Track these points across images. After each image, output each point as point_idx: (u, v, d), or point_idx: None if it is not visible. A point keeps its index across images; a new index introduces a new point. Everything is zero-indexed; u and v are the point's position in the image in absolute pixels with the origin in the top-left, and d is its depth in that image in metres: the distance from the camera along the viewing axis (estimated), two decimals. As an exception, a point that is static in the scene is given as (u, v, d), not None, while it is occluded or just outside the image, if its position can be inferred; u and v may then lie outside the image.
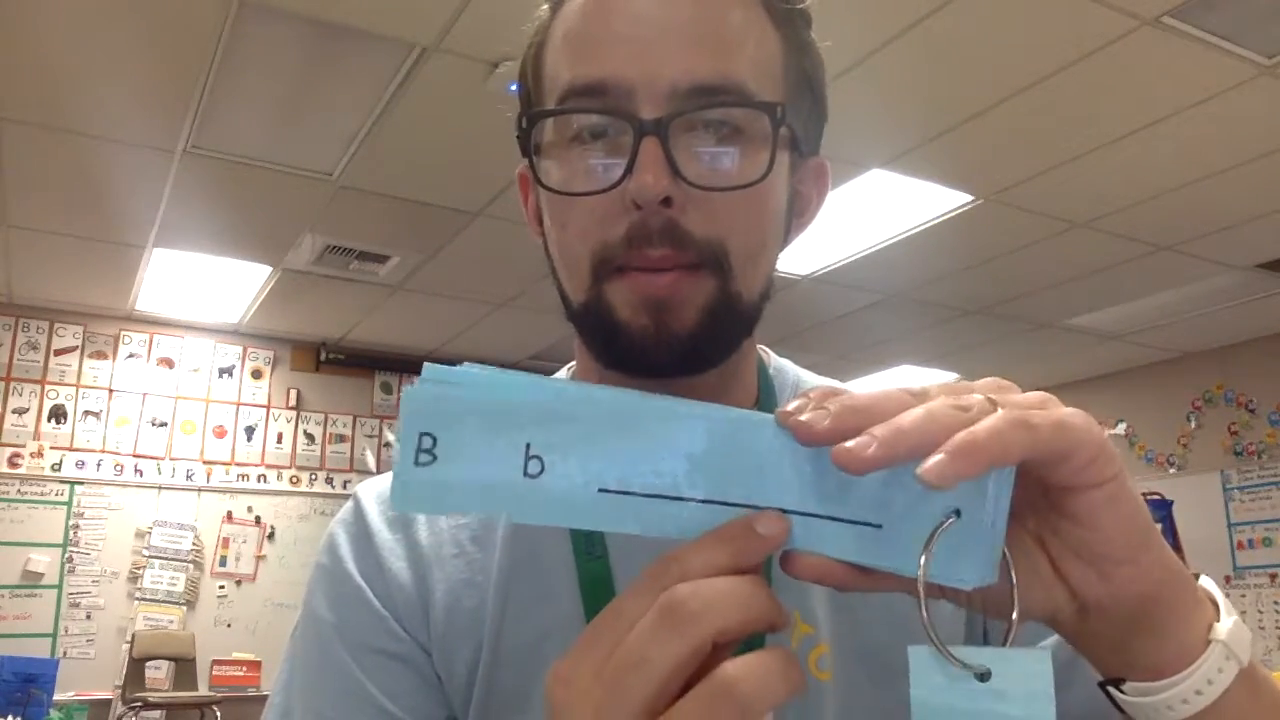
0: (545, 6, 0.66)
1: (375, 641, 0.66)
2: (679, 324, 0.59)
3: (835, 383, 0.76)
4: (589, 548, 0.65)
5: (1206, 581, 0.48)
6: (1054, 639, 0.62)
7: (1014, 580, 0.41)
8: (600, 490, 0.41)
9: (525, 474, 0.41)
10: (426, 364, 0.42)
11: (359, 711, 0.64)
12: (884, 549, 0.40)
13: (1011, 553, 0.41)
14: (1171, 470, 6.37)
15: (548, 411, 0.41)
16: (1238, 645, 0.45)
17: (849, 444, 0.38)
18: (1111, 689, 0.46)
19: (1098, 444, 0.41)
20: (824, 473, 0.40)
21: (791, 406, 0.41)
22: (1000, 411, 0.40)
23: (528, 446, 0.41)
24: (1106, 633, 0.45)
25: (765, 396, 0.71)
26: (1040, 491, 0.42)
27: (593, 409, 0.41)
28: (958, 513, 0.40)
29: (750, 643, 0.57)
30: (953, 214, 4.30)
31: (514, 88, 0.70)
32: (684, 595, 0.39)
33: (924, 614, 0.39)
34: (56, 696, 4.72)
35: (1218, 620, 0.46)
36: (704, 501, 0.41)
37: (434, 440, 0.41)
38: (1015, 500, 0.41)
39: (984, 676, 0.40)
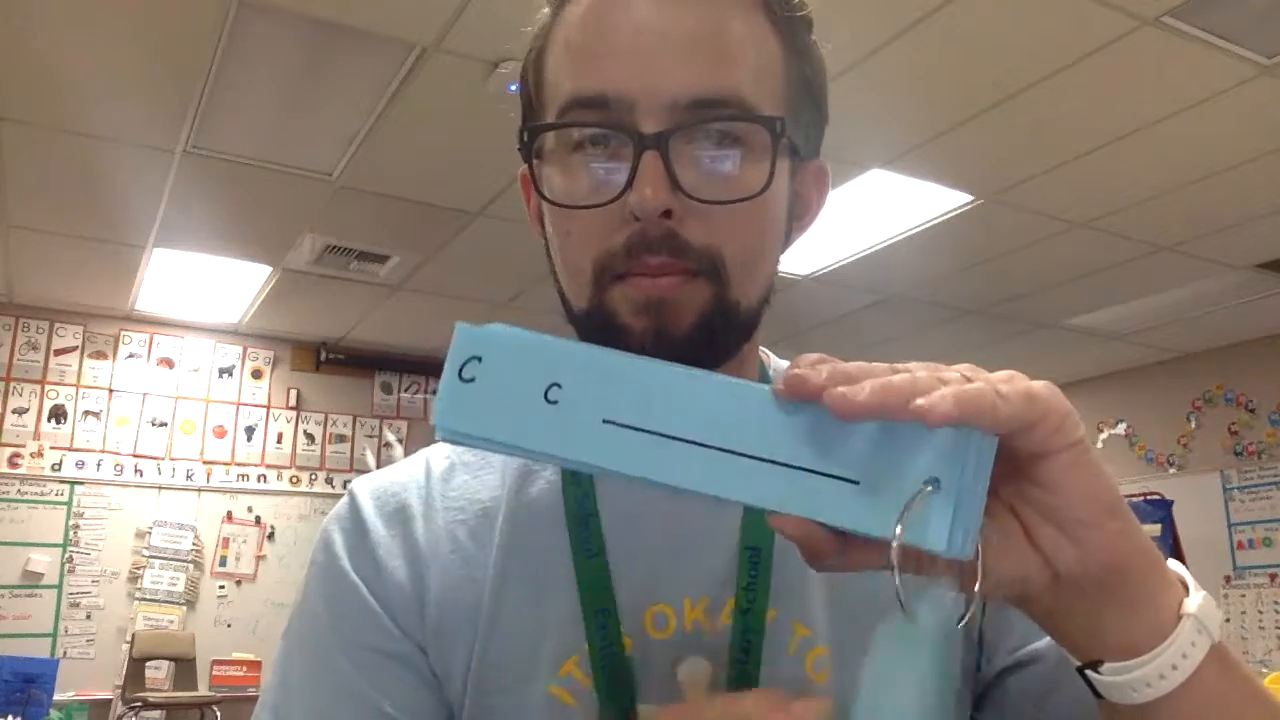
0: (546, 9, 0.66)
1: (371, 640, 0.66)
2: (677, 327, 0.60)
3: None
4: (587, 545, 0.65)
5: (1174, 564, 0.49)
6: (1046, 641, 0.62)
7: (980, 548, 0.43)
8: (605, 421, 0.45)
9: (546, 399, 0.45)
10: (459, 323, 0.47)
11: (355, 710, 0.64)
12: (860, 509, 0.42)
13: (985, 521, 0.43)
14: (1171, 470, 6.36)
15: (572, 354, 0.46)
16: (1208, 620, 0.46)
17: (842, 389, 0.41)
18: (1089, 672, 0.47)
19: (1063, 410, 0.43)
20: (812, 431, 0.43)
21: (809, 381, 0.43)
22: (978, 383, 0.43)
23: (551, 377, 0.46)
24: (1079, 607, 0.46)
25: None
26: (1010, 461, 0.44)
27: (609, 359, 0.46)
28: (936, 482, 0.41)
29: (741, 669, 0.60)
30: (953, 214, 4.30)
31: (514, 88, 0.70)
32: None
33: (896, 577, 0.41)
34: (56, 696, 4.71)
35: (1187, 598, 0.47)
36: (699, 445, 0.44)
37: (479, 361, 0.46)
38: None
39: (912, 617, 0.43)
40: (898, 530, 0.41)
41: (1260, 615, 5.85)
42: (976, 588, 0.43)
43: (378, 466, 5.77)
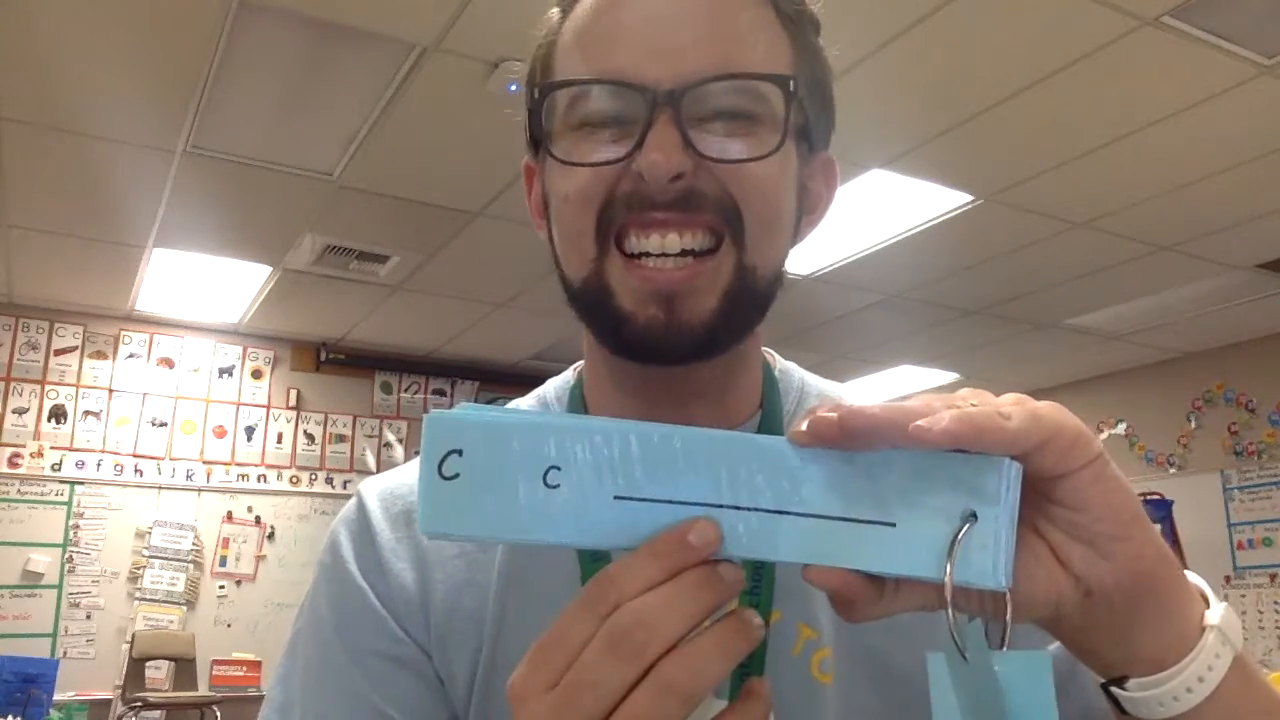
0: (555, 9, 0.67)
1: (375, 644, 0.66)
2: (692, 314, 0.59)
3: (838, 385, 0.77)
4: (592, 549, 0.65)
5: (1192, 576, 0.49)
6: (1054, 646, 0.62)
7: (1010, 583, 0.42)
8: (616, 497, 0.42)
9: (545, 484, 0.42)
10: (428, 414, 0.43)
11: (357, 712, 0.64)
12: (899, 552, 0.41)
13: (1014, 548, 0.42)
14: (1171, 470, 6.36)
15: (566, 431, 0.42)
16: (1231, 630, 0.46)
17: (845, 419, 0.41)
18: (1114, 688, 0.47)
19: (1074, 429, 0.43)
20: (837, 479, 0.42)
21: (806, 424, 0.42)
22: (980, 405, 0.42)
23: (547, 459, 0.42)
24: (1109, 622, 0.45)
25: (770, 398, 0.71)
26: (1031, 484, 0.43)
27: (605, 429, 0.42)
28: (973, 516, 0.40)
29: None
30: (953, 214, 4.30)
31: (514, 88, 0.70)
32: (630, 624, 0.41)
33: (950, 617, 0.41)
34: (56, 696, 4.71)
35: (1208, 609, 0.47)
36: (723, 507, 0.42)
37: (460, 455, 0.42)
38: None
39: (992, 677, 0.41)
40: (949, 569, 0.40)
41: (1260, 615, 5.85)
42: (1009, 613, 0.42)
43: (378, 467, 5.74)
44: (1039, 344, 6.11)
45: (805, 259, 4.78)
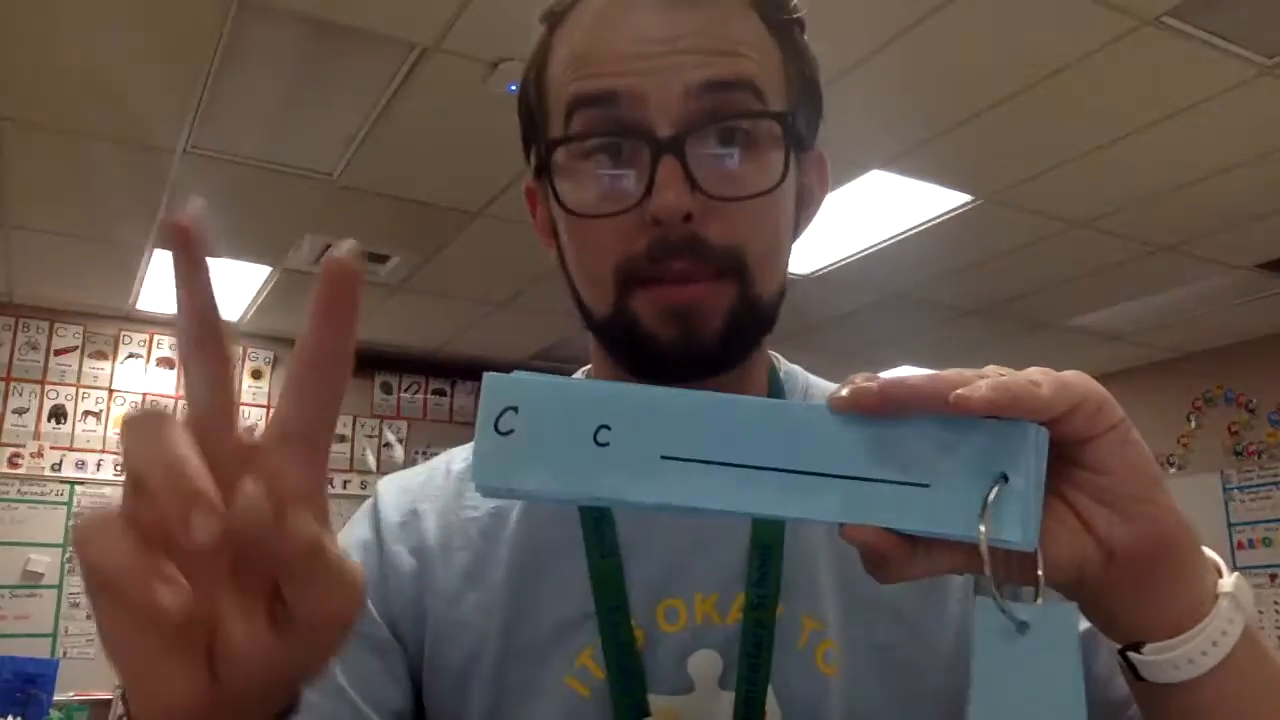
0: (542, 26, 0.67)
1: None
2: (705, 332, 0.61)
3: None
4: (600, 544, 0.66)
5: (1206, 550, 0.51)
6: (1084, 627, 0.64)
7: (1039, 540, 0.44)
8: (664, 457, 0.44)
9: (595, 442, 0.44)
10: (487, 373, 0.45)
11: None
12: (932, 512, 0.43)
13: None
14: (1171, 470, 6.36)
15: (616, 394, 0.45)
16: (1244, 597, 0.49)
17: (886, 388, 0.43)
18: (1130, 653, 0.48)
19: (1099, 395, 0.45)
20: (873, 443, 0.44)
21: (847, 391, 0.44)
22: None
23: (598, 419, 0.44)
24: (1130, 585, 0.47)
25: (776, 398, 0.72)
26: (1057, 451, 0.45)
27: (656, 395, 0.45)
28: (1004, 478, 0.43)
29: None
30: (953, 214, 4.30)
31: (513, 88, 0.70)
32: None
33: (987, 569, 0.42)
34: (56, 696, 4.71)
35: (1221, 578, 0.49)
36: (765, 469, 0.44)
37: (515, 411, 0.44)
38: None
39: (1023, 628, 0.44)
40: (983, 528, 0.42)
41: (1260, 615, 5.85)
42: (1040, 569, 0.44)
43: (378, 466, 5.72)
44: (1039, 344, 6.11)
45: (805, 259, 4.78)
